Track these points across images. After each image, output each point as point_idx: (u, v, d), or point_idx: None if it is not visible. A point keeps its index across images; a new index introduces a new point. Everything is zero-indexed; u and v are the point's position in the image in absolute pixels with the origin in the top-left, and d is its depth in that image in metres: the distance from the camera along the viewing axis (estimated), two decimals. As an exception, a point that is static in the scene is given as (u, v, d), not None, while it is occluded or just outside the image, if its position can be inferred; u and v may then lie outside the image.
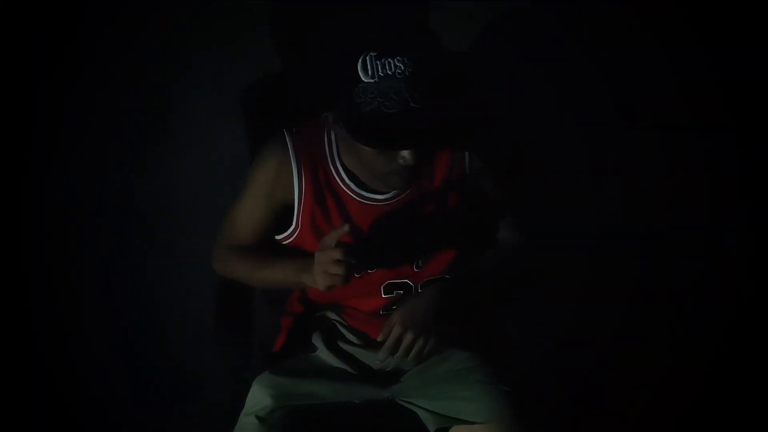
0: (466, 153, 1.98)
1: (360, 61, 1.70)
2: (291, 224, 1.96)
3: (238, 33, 2.27)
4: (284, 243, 2.00)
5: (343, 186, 1.94)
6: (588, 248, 2.52)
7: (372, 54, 1.70)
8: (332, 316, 2.01)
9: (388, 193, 1.94)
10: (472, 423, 1.85)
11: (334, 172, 1.94)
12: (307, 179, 1.93)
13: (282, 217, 1.98)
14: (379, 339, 1.86)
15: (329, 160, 1.94)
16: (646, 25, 2.43)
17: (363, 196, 1.94)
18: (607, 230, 2.53)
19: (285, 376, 1.92)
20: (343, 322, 2.03)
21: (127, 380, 2.41)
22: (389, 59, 1.69)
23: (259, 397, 1.89)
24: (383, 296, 2.00)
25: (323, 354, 1.99)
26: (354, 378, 1.96)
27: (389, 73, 1.69)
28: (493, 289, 2.07)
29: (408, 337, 1.83)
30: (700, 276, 2.59)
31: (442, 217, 1.97)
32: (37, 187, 2.30)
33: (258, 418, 1.86)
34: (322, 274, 1.79)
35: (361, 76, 1.70)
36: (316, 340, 2.01)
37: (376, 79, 1.69)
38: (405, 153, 1.75)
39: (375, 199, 1.94)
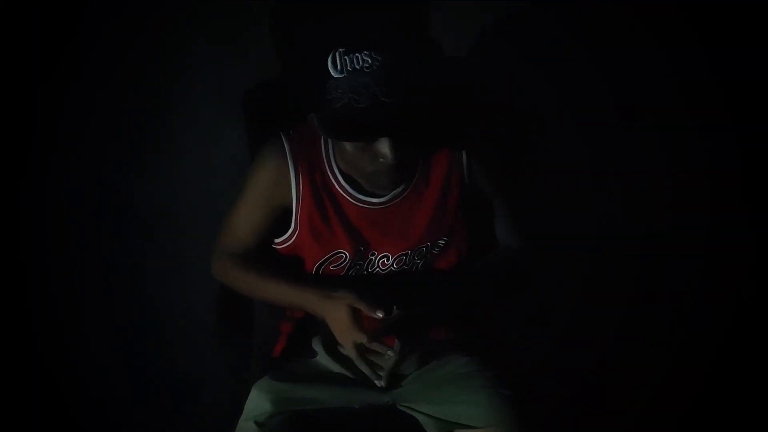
0: (464, 155, 1.98)
1: (330, 57, 1.72)
2: (290, 227, 1.97)
3: (239, 35, 2.26)
4: (282, 247, 2.01)
5: (339, 189, 1.95)
6: (588, 248, 2.52)
7: (341, 50, 1.72)
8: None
9: (385, 196, 1.95)
10: (473, 427, 1.85)
11: (330, 174, 1.95)
12: (305, 181, 1.94)
13: (279, 221, 1.99)
14: (367, 342, 1.85)
15: (326, 162, 1.95)
16: (646, 25, 2.42)
17: (359, 199, 1.95)
18: (607, 230, 2.52)
19: (284, 381, 1.93)
20: (343, 326, 2.02)
21: (127, 383, 2.40)
22: (357, 54, 1.71)
23: (258, 402, 1.89)
24: None
25: (323, 359, 1.99)
26: (354, 383, 1.95)
27: (357, 67, 1.71)
28: (492, 291, 2.07)
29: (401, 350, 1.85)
30: (700, 276, 2.59)
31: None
32: (37, 188, 2.29)
33: (257, 423, 1.86)
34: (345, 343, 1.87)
35: (331, 72, 1.72)
36: (316, 345, 2.01)
37: (345, 74, 1.71)
38: (384, 150, 1.76)
39: (372, 202, 1.95)
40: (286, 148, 1.94)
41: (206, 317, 2.38)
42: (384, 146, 1.76)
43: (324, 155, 1.95)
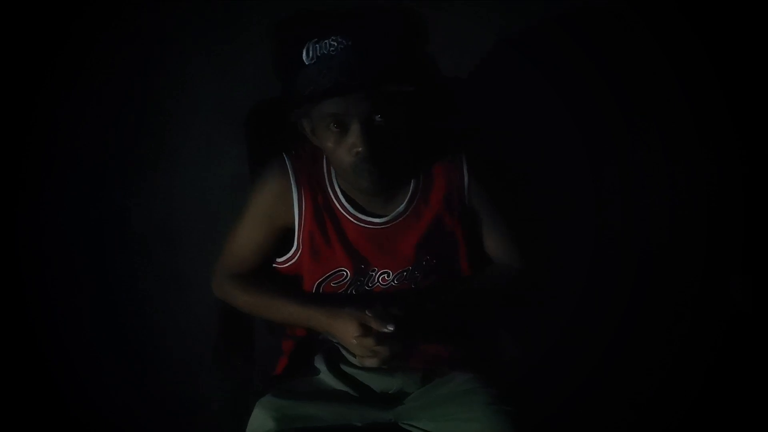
0: (465, 174, 2.00)
1: (304, 49, 1.80)
2: (292, 246, 1.97)
3: (240, 51, 2.26)
4: (284, 267, 2.01)
5: (340, 208, 1.96)
6: (587, 255, 2.51)
7: (314, 40, 1.79)
8: (334, 338, 2.00)
9: (386, 216, 1.97)
10: (476, 445, 1.85)
11: (332, 194, 1.97)
12: (308, 201, 1.95)
13: (280, 241, 1.99)
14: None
15: (327, 182, 1.97)
16: (650, 29, 2.41)
17: (360, 219, 1.96)
18: (606, 238, 2.52)
19: (287, 398, 1.91)
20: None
21: (127, 404, 2.40)
22: (326, 41, 1.79)
23: (261, 419, 1.88)
24: None
25: (326, 376, 1.98)
26: (356, 400, 1.94)
27: (325, 52, 1.79)
28: (492, 308, 2.06)
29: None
30: (700, 282, 2.59)
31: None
32: (34, 203, 2.29)
33: (260, 440, 1.85)
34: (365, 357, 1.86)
35: (304, 60, 1.80)
36: (319, 363, 2.00)
37: (315, 60, 1.79)
38: (354, 138, 1.80)
39: (373, 222, 1.96)
40: (289, 168, 1.96)
41: (206, 334, 2.36)
42: (354, 135, 1.80)
43: (326, 175, 1.97)
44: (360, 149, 1.81)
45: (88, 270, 2.36)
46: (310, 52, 1.80)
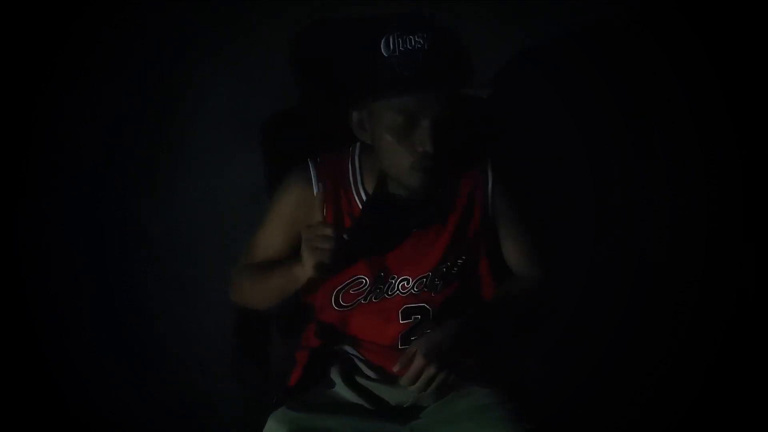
0: (489, 181, 2.02)
1: (383, 40, 1.78)
2: None
3: (250, 57, 2.25)
4: None
5: None
6: (587, 255, 2.52)
7: (396, 33, 1.78)
8: (349, 350, 2.00)
9: None
10: (493, 462, 1.84)
11: (357, 200, 1.96)
12: (329, 209, 1.95)
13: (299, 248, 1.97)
14: (395, 369, 1.86)
15: (353, 188, 1.97)
16: (650, 30, 2.42)
17: None
18: (606, 238, 2.52)
19: (302, 411, 1.90)
20: (361, 356, 2.01)
21: (140, 415, 2.39)
22: (410, 36, 1.78)
23: (275, 432, 1.88)
24: (401, 321, 2.00)
25: (341, 389, 1.97)
26: (372, 414, 1.94)
27: (410, 48, 1.77)
28: (512, 321, 2.06)
29: (429, 370, 1.83)
30: (700, 282, 2.60)
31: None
32: (40, 209, 2.27)
33: (274, 453, 1.84)
34: (310, 250, 1.81)
35: (382, 52, 1.78)
36: (334, 375, 1.99)
37: (397, 53, 1.77)
38: (423, 137, 1.80)
39: None
40: (312, 174, 1.96)
41: (208, 336, 2.36)
42: (423, 132, 1.80)
43: (352, 180, 1.98)
44: (427, 148, 1.80)
45: (89, 270, 2.34)
46: (391, 45, 1.78)
